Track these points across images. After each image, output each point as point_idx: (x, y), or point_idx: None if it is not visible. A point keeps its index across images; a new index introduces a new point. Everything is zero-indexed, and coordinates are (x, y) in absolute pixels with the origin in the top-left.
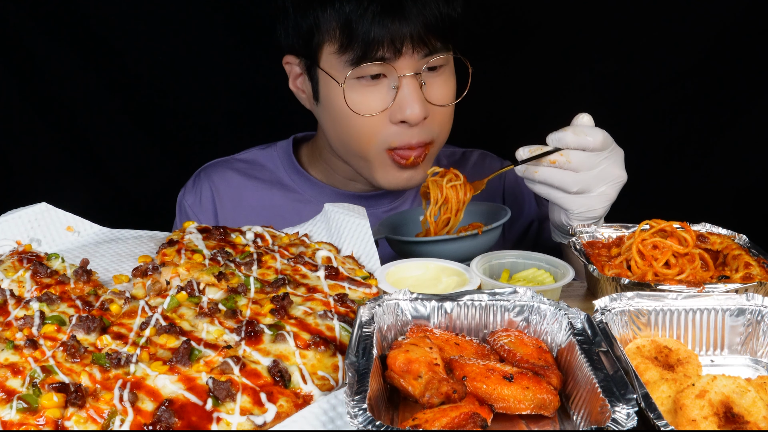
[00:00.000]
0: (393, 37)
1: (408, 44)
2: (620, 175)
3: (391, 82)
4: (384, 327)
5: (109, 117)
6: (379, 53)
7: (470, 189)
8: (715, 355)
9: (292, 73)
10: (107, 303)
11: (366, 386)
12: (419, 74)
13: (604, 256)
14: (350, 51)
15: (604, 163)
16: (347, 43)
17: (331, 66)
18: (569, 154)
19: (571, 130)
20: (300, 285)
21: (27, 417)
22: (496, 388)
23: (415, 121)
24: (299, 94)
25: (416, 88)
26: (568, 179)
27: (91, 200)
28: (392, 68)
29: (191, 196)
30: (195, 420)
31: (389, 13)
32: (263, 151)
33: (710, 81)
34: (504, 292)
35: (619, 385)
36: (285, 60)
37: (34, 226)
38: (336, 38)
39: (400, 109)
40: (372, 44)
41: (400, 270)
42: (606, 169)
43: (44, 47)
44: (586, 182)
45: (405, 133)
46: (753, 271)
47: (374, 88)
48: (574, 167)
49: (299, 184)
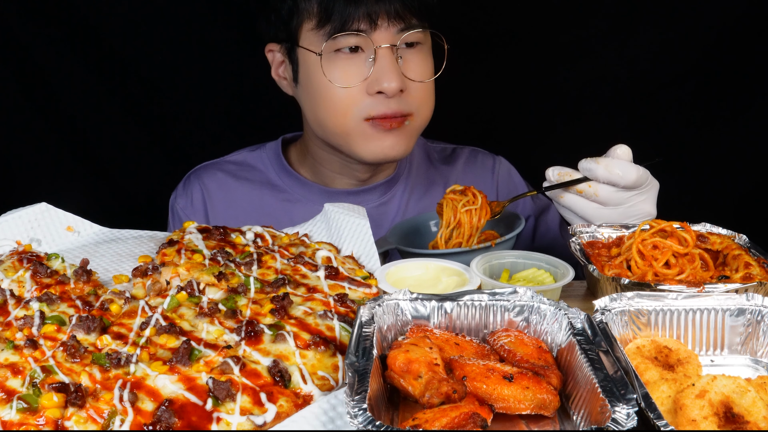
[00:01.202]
0: (369, 11)
1: (383, 17)
2: (650, 213)
3: (368, 55)
4: (384, 327)
5: (109, 117)
6: (355, 25)
7: (487, 213)
8: (715, 355)
9: (274, 61)
10: (107, 303)
11: (366, 386)
12: (395, 47)
13: (604, 256)
14: (328, 25)
15: (635, 199)
16: (325, 18)
17: (309, 42)
18: (597, 187)
19: (604, 164)
20: (300, 285)
21: (27, 417)
22: (496, 388)
23: (392, 92)
24: (281, 81)
25: (392, 61)
26: (593, 212)
27: (91, 200)
28: (369, 40)
29: (182, 199)
30: (195, 420)
31: None
32: (252, 153)
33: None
34: (504, 292)
35: (619, 385)
36: (267, 48)
37: (34, 226)
38: (314, 14)
39: (377, 80)
40: (348, 17)
41: (400, 270)
42: (635, 206)
43: (44, 47)
44: (611, 218)
45: (382, 104)
46: (753, 271)
47: (351, 60)
48: (601, 201)
49: (288, 183)
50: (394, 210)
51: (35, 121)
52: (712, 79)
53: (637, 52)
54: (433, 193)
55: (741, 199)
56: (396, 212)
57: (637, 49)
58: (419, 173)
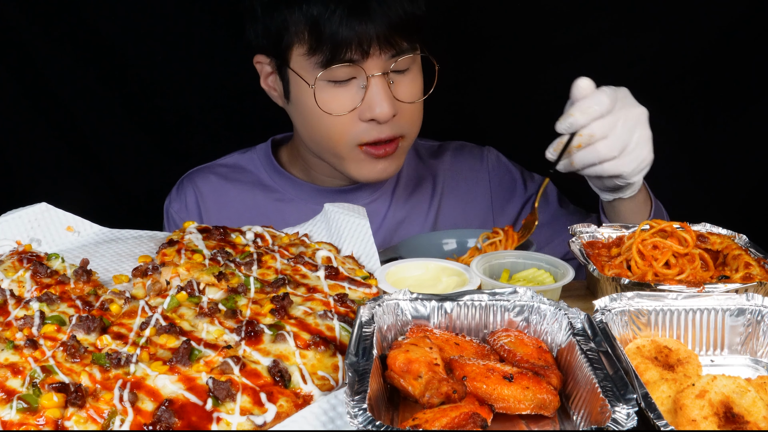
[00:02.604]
0: (360, 39)
1: (375, 45)
2: (641, 111)
3: (360, 82)
4: (384, 327)
5: (110, 117)
6: (347, 55)
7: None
8: (715, 355)
9: (263, 72)
10: (107, 303)
11: (366, 386)
12: (387, 74)
13: (604, 256)
14: (319, 53)
15: (621, 111)
16: (316, 45)
17: (301, 67)
18: (588, 129)
19: (577, 110)
20: (300, 285)
21: (27, 417)
22: (496, 388)
23: (384, 119)
24: (270, 92)
25: (385, 87)
26: (604, 150)
27: (91, 200)
28: (361, 69)
29: (176, 204)
30: (195, 420)
31: (355, 15)
32: (244, 155)
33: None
34: (504, 292)
35: (619, 385)
36: (256, 59)
37: (34, 226)
38: (305, 40)
39: (369, 108)
40: (340, 46)
41: (400, 270)
42: (627, 115)
43: (44, 47)
44: (621, 140)
45: (374, 129)
46: (753, 271)
47: (344, 88)
48: (601, 136)
49: (280, 183)
50: (384, 207)
51: (35, 121)
52: (712, 79)
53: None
54: (423, 188)
55: (741, 199)
56: (387, 209)
57: (637, 49)
58: (408, 169)
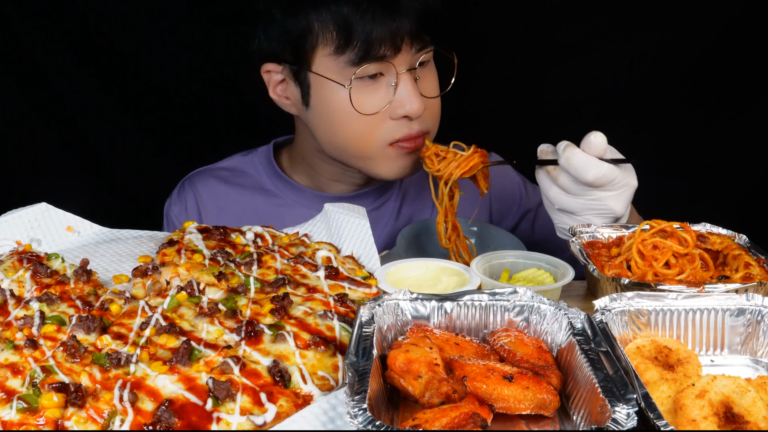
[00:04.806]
0: (393, 35)
1: (407, 40)
2: (615, 212)
3: (389, 79)
4: (384, 327)
5: (109, 117)
6: (380, 51)
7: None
8: (715, 355)
9: (271, 81)
10: (107, 303)
11: (366, 386)
12: (415, 69)
13: (604, 256)
14: (349, 51)
15: (598, 194)
16: (345, 44)
17: (326, 69)
18: (560, 172)
19: (567, 154)
20: (300, 285)
21: (27, 417)
22: (496, 388)
23: (417, 115)
24: (281, 101)
25: (413, 84)
26: (554, 195)
27: (91, 200)
28: (390, 65)
29: (176, 206)
30: (195, 420)
31: (387, 10)
32: (244, 158)
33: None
34: (504, 292)
35: (619, 385)
36: (264, 68)
37: (34, 226)
38: (332, 39)
39: (401, 105)
40: (373, 43)
41: (400, 270)
42: (600, 201)
43: (44, 47)
44: (570, 206)
45: (405, 126)
46: (753, 271)
47: (375, 86)
48: (560, 187)
49: (281, 188)
50: (388, 213)
51: (35, 121)
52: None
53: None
54: (426, 193)
55: (741, 199)
56: (390, 215)
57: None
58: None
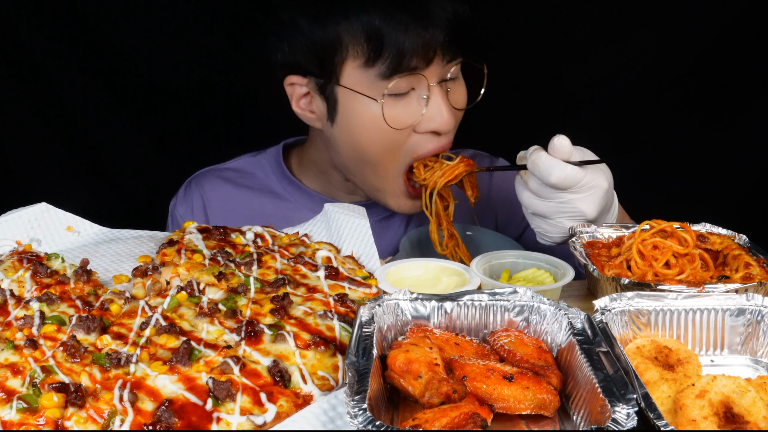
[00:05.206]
0: (426, 45)
1: (439, 52)
2: (584, 213)
3: (421, 92)
4: (384, 327)
5: (109, 117)
6: (412, 63)
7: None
8: (715, 355)
9: (294, 94)
10: (107, 303)
11: (366, 386)
12: (446, 81)
13: (604, 256)
14: (379, 63)
15: (566, 196)
16: (375, 55)
17: (356, 82)
18: (529, 176)
19: (533, 157)
20: (300, 285)
21: (27, 417)
22: (496, 388)
23: (447, 130)
24: (305, 114)
25: (445, 97)
26: (526, 199)
27: (91, 200)
28: (422, 78)
29: (182, 207)
30: (195, 420)
31: (419, 21)
32: (253, 159)
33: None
34: (504, 292)
35: (619, 385)
36: (288, 81)
37: (34, 226)
38: (362, 51)
39: (431, 119)
40: (405, 54)
41: (400, 270)
42: (569, 203)
43: (44, 47)
44: (541, 209)
45: (430, 141)
46: (753, 271)
47: (406, 99)
48: (531, 191)
49: (290, 192)
50: (397, 222)
51: (35, 121)
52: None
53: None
54: None
55: (741, 199)
56: (400, 224)
57: (637, 49)
58: None
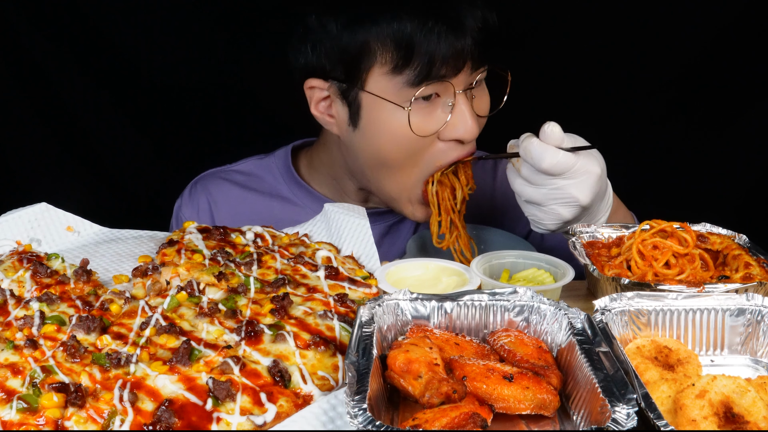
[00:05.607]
0: (457, 54)
1: (468, 60)
2: (576, 199)
3: (447, 99)
4: (384, 327)
5: (109, 117)
6: (442, 71)
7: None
8: (715, 355)
9: (314, 98)
10: (107, 303)
11: (366, 386)
12: (471, 89)
13: (604, 256)
14: (408, 71)
15: (559, 182)
16: (404, 63)
17: (382, 88)
18: (521, 163)
19: (525, 144)
20: (300, 285)
21: (27, 417)
22: (496, 388)
23: (471, 138)
24: (325, 118)
25: (470, 105)
26: (519, 186)
27: (91, 200)
28: (449, 85)
29: (188, 209)
30: (195, 420)
31: (452, 29)
32: (261, 162)
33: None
34: (504, 292)
35: (619, 385)
36: (308, 84)
37: (34, 226)
38: (391, 58)
39: (455, 127)
40: (435, 63)
41: (400, 270)
42: (561, 189)
43: (44, 47)
44: (534, 196)
45: (453, 150)
46: (753, 271)
47: (431, 107)
48: (523, 177)
49: (300, 197)
50: (407, 228)
51: (35, 121)
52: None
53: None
54: None
55: (741, 199)
56: (409, 230)
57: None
58: None
